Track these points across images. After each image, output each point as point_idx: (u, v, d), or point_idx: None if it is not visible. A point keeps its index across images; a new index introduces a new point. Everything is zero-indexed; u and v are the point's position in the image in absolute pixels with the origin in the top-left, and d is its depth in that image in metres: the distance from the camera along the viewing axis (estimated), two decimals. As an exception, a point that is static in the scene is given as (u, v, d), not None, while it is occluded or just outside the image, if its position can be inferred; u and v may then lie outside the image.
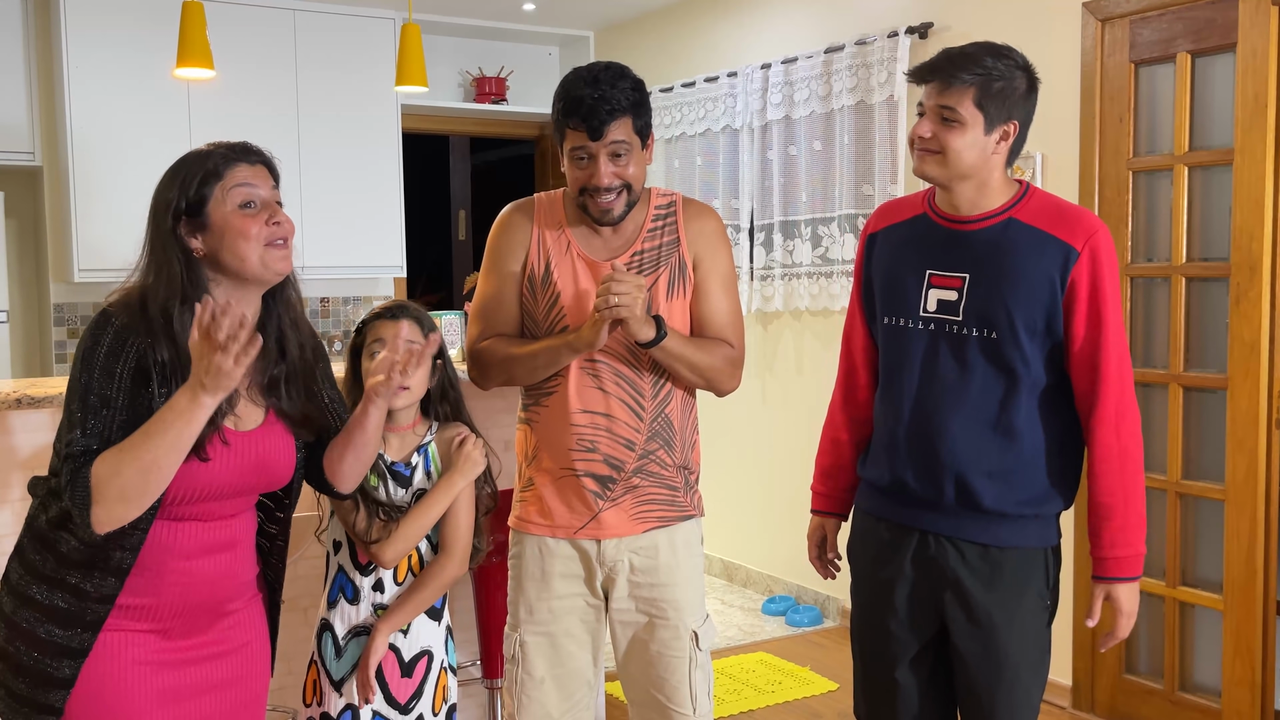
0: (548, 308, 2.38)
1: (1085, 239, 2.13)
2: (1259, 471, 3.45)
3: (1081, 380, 2.17)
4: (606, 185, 2.30)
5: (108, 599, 1.85)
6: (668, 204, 2.43)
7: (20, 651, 1.85)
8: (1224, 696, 3.55)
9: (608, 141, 2.28)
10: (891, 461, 2.27)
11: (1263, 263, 3.40)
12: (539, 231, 2.41)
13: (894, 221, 2.34)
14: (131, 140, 5.12)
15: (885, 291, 2.30)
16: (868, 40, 4.62)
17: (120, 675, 1.87)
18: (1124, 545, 2.18)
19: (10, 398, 2.75)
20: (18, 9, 5.14)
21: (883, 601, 2.30)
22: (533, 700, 2.40)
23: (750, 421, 5.44)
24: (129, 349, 1.82)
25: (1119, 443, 2.16)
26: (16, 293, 5.43)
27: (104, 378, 1.80)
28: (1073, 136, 3.90)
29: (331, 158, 5.58)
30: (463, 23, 6.00)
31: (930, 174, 2.19)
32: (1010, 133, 2.16)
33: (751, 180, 5.29)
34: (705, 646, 2.44)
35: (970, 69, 2.12)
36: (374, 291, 6.12)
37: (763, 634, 4.92)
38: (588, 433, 2.35)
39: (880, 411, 2.34)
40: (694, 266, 2.41)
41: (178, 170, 1.92)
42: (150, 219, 1.92)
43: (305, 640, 3.08)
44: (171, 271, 1.86)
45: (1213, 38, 3.52)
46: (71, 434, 1.79)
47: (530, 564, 2.42)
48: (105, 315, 1.85)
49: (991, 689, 2.22)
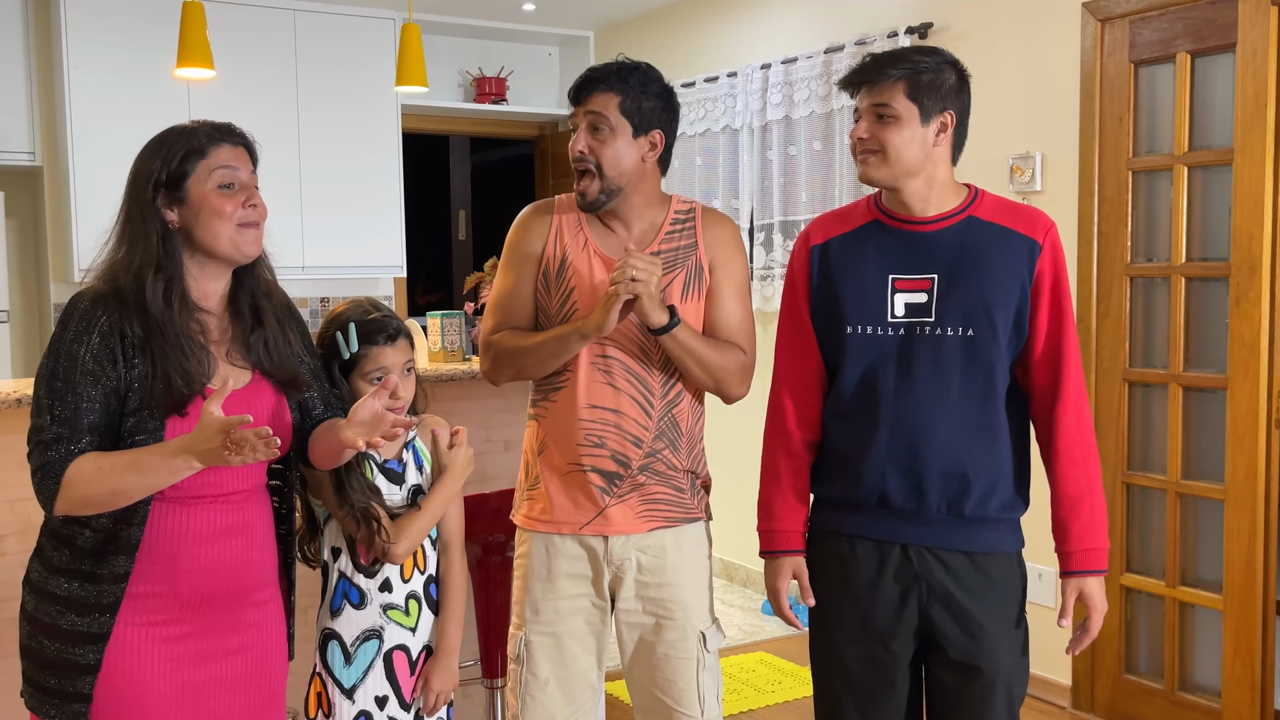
0: (561, 301, 2.39)
1: (1044, 232, 2.16)
2: (1259, 471, 3.45)
3: (1044, 374, 2.17)
4: (577, 154, 2.34)
5: (120, 578, 1.89)
6: (688, 210, 2.46)
7: (44, 646, 1.91)
8: (1224, 696, 3.55)
9: (585, 110, 2.34)
10: (870, 473, 2.19)
11: (1262, 263, 3.40)
12: (558, 226, 2.43)
13: (842, 231, 2.28)
14: (131, 140, 5.03)
15: (850, 300, 2.22)
16: (868, 40, 4.63)
17: (141, 667, 1.91)
18: (1092, 538, 2.17)
19: (10, 398, 2.75)
20: (18, 9, 5.14)
21: (861, 622, 2.21)
22: (536, 701, 2.39)
23: (750, 421, 5.43)
24: (95, 327, 1.86)
25: (1081, 434, 2.17)
26: (16, 293, 5.44)
27: (69, 362, 1.85)
28: (1072, 136, 3.90)
29: (331, 158, 5.58)
30: (463, 23, 6.00)
31: (875, 177, 2.18)
32: (948, 123, 2.17)
33: (751, 180, 5.29)
34: (714, 649, 2.43)
35: (897, 65, 2.15)
36: (374, 291, 6.12)
37: (763, 634, 4.92)
38: (596, 428, 2.35)
39: (846, 424, 2.24)
40: (710, 271, 2.42)
41: (161, 142, 1.97)
42: (129, 188, 1.96)
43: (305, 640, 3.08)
44: (149, 241, 1.92)
45: (1213, 38, 3.52)
46: (40, 419, 1.85)
47: (537, 563, 2.40)
48: (73, 301, 1.91)
49: (985, 699, 2.18)
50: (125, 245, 1.94)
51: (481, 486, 3.42)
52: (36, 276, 5.51)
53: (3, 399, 2.75)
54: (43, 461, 1.83)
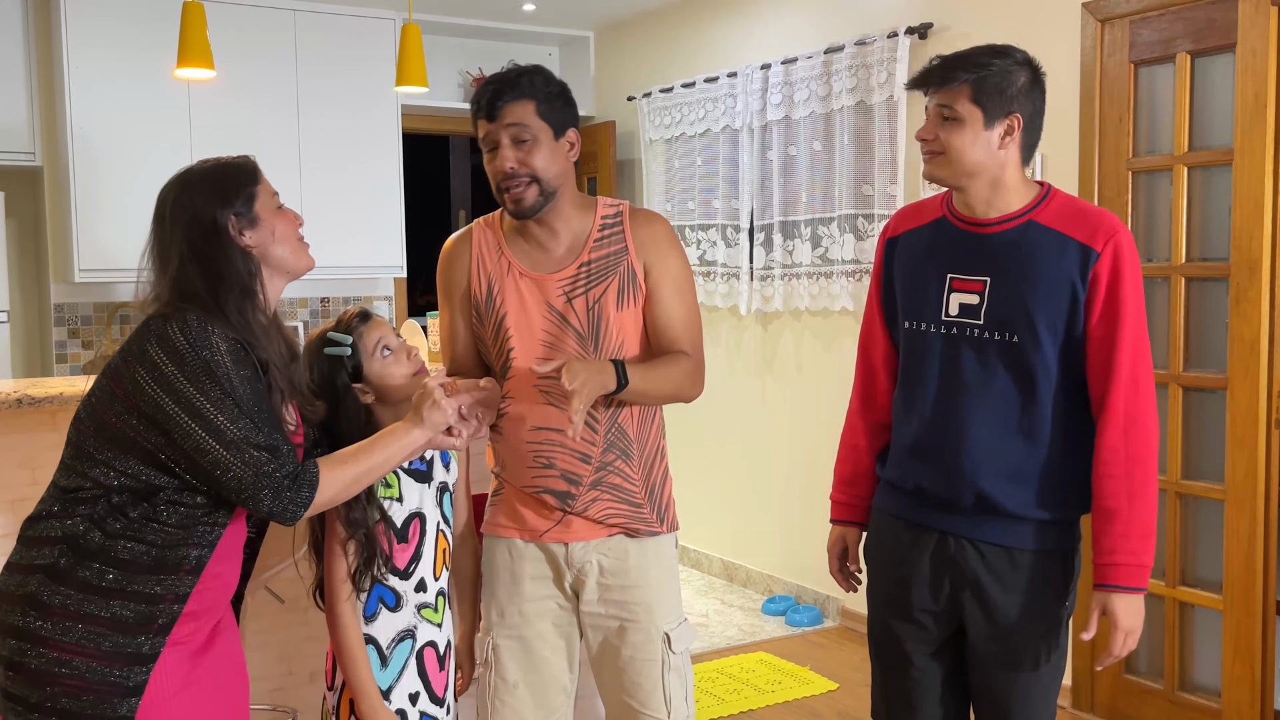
0: (495, 330, 2.36)
1: (1106, 239, 2.11)
2: (1259, 471, 3.45)
3: (1095, 381, 2.14)
4: (506, 170, 2.26)
5: (182, 597, 1.89)
6: (614, 214, 2.39)
7: (79, 671, 1.82)
8: (1224, 696, 3.55)
9: (505, 124, 2.26)
10: (912, 465, 2.26)
11: (1262, 262, 3.40)
12: (477, 258, 2.39)
13: (914, 225, 2.33)
14: (132, 140, 5.13)
15: (906, 295, 2.29)
16: (867, 40, 4.63)
17: (180, 683, 1.90)
18: (1126, 553, 2.12)
19: (10, 398, 2.75)
20: (18, 9, 5.14)
21: (901, 600, 2.29)
22: (506, 705, 2.37)
23: (750, 421, 5.44)
24: (237, 348, 1.89)
25: (1126, 446, 2.11)
26: (16, 293, 5.44)
27: (239, 379, 1.88)
28: (1072, 136, 3.91)
29: (331, 158, 5.57)
30: (463, 23, 6.00)
31: (937, 175, 2.19)
32: (1014, 127, 2.15)
33: (751, 180, 5.29)
34: (680, 649, 2.40)
35: (966, 67, 2.14)
36: (374, 291, 6.12)
37: (763, 634, 4.92)
38: (544, 449, 2.33)
39: (900, 415, 2.32)
40: (645, 274, 2.36)
41: (211, 178, 2.00)
42: (187, 226, 1.95)
43: (306, 640, 3.08)
44: (233, 270, 1.95)
45: (1213, 38, 3.52)
46: (252, 434, 1.86)
47: (500, 567, 2.40)
48: (200, 322, 1.87)
49: (1009, 690, 2.21)
50: (209, 278, 1.94)
51: (481, 486, 3.41)
52: (36, 276, 5.51)
53: (3, 399, 2.75)
54: (291, 471, 1.88)
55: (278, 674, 3.21)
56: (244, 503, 1.87)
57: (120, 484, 1.88)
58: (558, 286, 2.33)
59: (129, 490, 1.88)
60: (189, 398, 1.83)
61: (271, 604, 3.01)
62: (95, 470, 1.88)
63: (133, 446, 1.87)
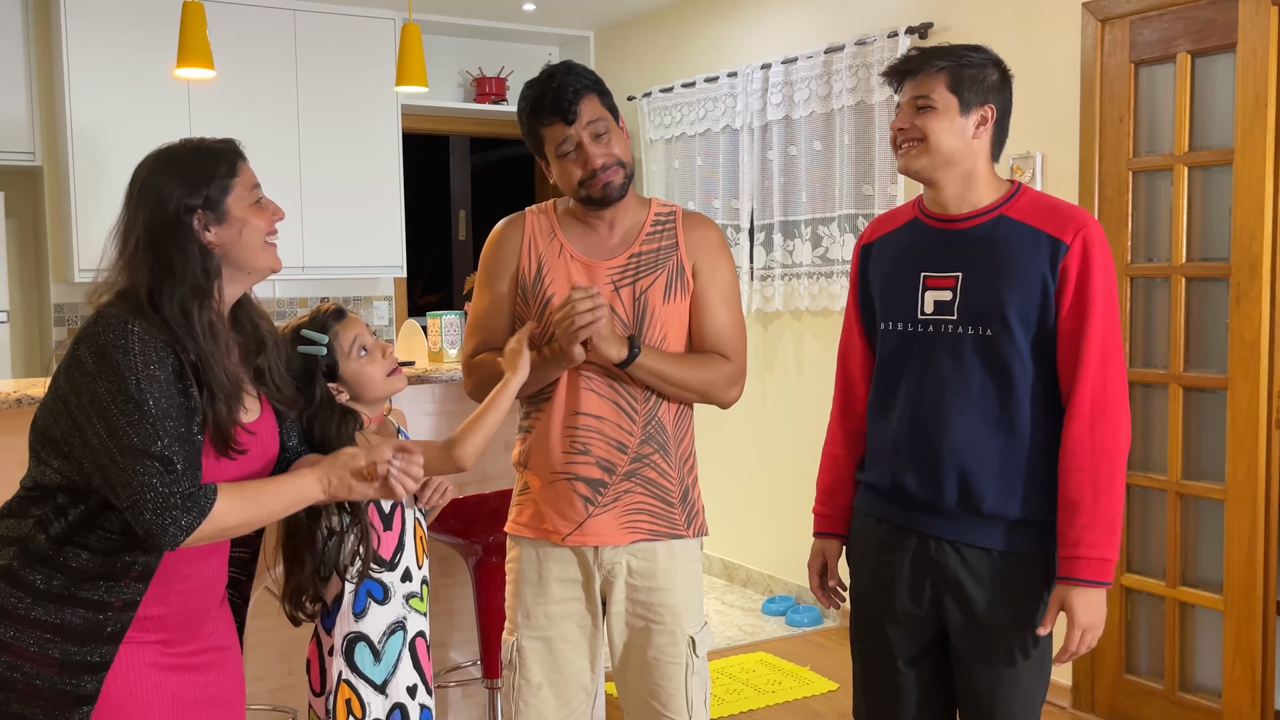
0: (540, 312, 2.37)
1: (1075, 232, 2.12)
2: (1259, 471, 3.45)
3: (1065, 374, 2.15)
4: (601, 165, 2.30)
5: (131, 604, 1.82)
6: (668, 212, 2.44)
7: (28, 676, 1.78)
8: (1224, 696, 3.55)
9: (585, 122, 2.30)
10: (891, 464, 2.26)
11: (1263, 263, 3.40)
12: (530, 238, 2.41)
13: (887, 230, 2.36)
14: (132, 140, 5.10)
15: (884, 298, 2.31)
16: (868, 40, 4.63)
17: (138, 686, 1.84)
18: (1088, 546, 2.09)
19: (10, 398, 2.75)
20: (18, 9, 5.14)
21: (883, 602, 2.29)
22: (530, 706, 2.39)
23: (750, 421, 5.44)
24: (160, 352, 1.78)
25: (1092, 438, 2.10)
26: (16, 293, 5.44)
27: (150, 384, 1.75)
28: (1073, 137, 3.90)
29: (331, 158, 5.57)
30: (463, 23, 6.00)
31: (914, 166, 2.20)
32: (988, 117, 2.19)
33: (751, 180, 5.29)
34: (703, 654, 2.42)
35: (941, 57, 2.18)
36: (374, 291, 6.12)
37: (763, 634, 4.92)
38: (581, 434, 2.35)
39: (876, 415, 2.32)
40: (693, 274, 2.40)
41: (189, 162, 1.90)
42: (149, 209, 1.87)
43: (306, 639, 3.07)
44: (188, 268, 1.85)
45: (1213, 38, 3.52)
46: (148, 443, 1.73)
47: (527, 568, 2.41)
48: (120, 321, 1.77)
49: (992, 692, 2.20)
50: (157, 271, 1.84)
51: (481, 487, 3.42)
52: (36, 276, 5.51)
53: (3, 399, 2.75)
54: (184, 491, 1.74)
55: (278, 674, 3.21)
56: (126, 514, 1.75)
57: (60, 485, 1.81)
58: (607, 274, 2.36)
59: (68, 492, 1.81)
60: (99, 398, 1.74)
61: (272, 604, 3.00)
62: (40, 471, 1.84)
63: (63, 447, 1.81)
